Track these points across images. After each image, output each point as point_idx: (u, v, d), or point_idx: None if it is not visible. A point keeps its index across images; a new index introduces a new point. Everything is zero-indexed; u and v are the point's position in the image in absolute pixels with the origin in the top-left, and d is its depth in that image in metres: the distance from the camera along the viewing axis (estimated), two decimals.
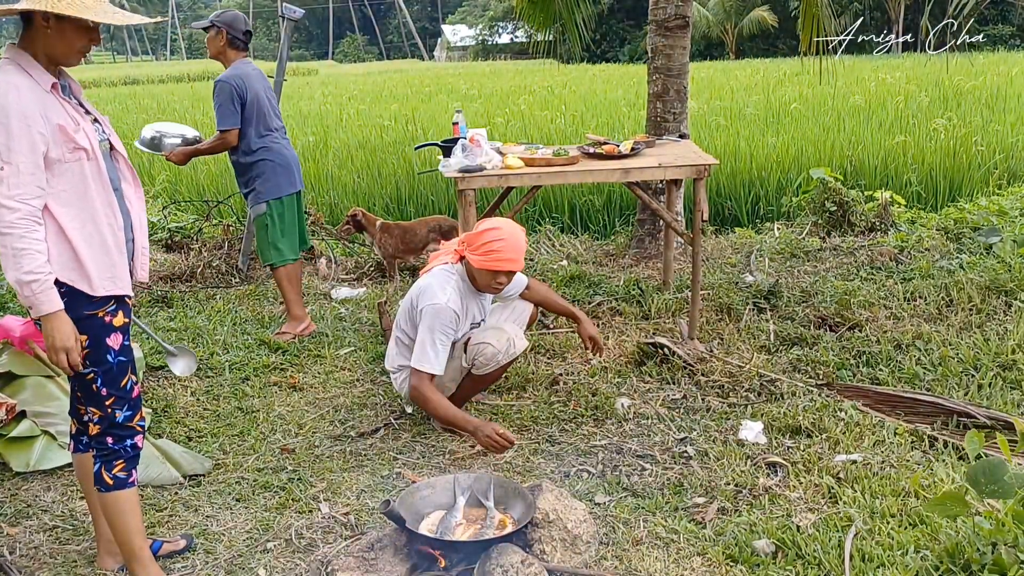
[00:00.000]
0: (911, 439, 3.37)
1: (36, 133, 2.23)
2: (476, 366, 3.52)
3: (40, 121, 2.25)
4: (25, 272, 2.23)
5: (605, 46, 40.41)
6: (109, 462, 2.50)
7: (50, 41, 2.31)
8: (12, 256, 2.23)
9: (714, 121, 11.01)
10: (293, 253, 4.83)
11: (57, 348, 2.31)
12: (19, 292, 2.28)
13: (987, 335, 4.31)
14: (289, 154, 4.81)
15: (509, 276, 3.48)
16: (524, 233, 3.50)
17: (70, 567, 2.80)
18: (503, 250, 3.36)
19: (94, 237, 2.37)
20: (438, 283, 3.48)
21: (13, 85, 2.24)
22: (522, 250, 3.43)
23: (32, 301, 2.27)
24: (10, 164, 2.21)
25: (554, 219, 7.62)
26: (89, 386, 2.45)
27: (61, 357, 2.33)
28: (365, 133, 11.75)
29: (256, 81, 4.65)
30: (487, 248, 3.37)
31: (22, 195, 2.22)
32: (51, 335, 2.31)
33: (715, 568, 2.65)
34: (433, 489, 2.94)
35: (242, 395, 4.13)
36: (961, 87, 13.53)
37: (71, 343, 2.33)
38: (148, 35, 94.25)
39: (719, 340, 4.54)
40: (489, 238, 3.38)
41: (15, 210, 2.21)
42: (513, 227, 3.45)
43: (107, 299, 2.41)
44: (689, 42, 6.01)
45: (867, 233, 6.65)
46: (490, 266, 3.38)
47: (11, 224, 2.21)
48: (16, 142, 2.21)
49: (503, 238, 3.37)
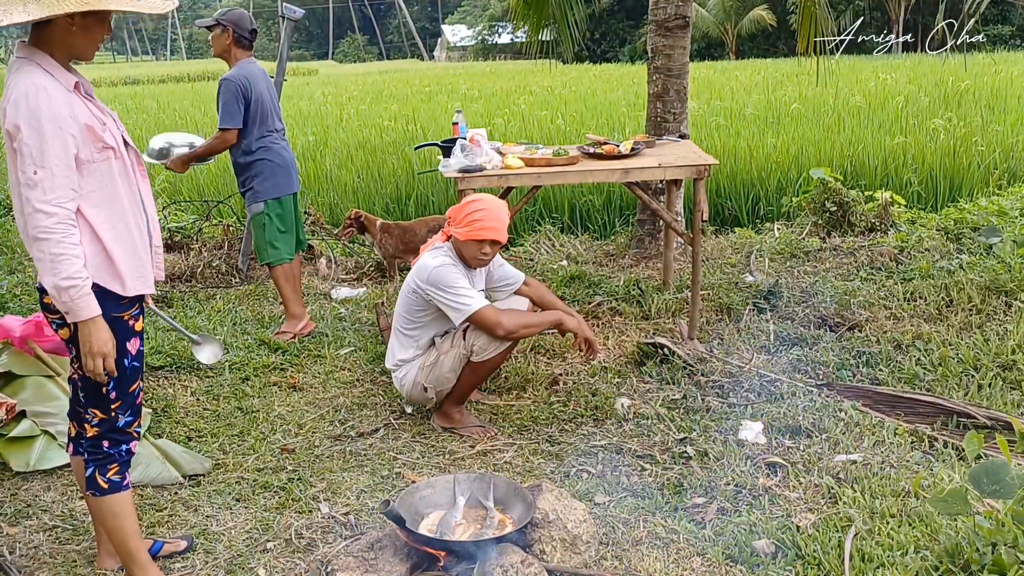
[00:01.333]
0: (911, 439, 3.37)
1: (67, 135, 2.22)
2: (475, 352, 3.53)
3: (70, 122, 2.23)
4: (64, 278, 2.21)
5: (605, 46, 40.40)
6: (104, 466, 2.49)
7: (74, 38, 2.28)
8: (50, 261, 2.21)
9: (714, 121, 11.01)
10: (290, 253, 4.84)
11: (95, 353, 2.30)
12: (56, 297, 2.25)
13: (987, 335, 4.31)
14: (288, 155, 4.83)
15: (494, 247, 3.56)
16: (506, 206, 3.62)
17: (70, 567, 2.80)
18: (485, 219, 3.47)
19: (124, 237, 2.36)
20: (428, 256, 3.59)
21: (41, 87, 2.21)
22: (504, 220, 3.54)
23: (70, 307, 2.25)
24: (44, 168, 2.19)
25: (554, 219, 7.62)
26: (99, 388, 2.43)
27: (98, 363, 2.31)
28: (365, 133, 11.75)
29: (260, 82, 4.66)
30: (470, 219, 3.49)
31: (58, 199, 2.20)
32: (88, 340, 2.29)
33: (715, 568, 2.65)
34: (433, 489, 2.94)
35: (242, 395, 4.13)
36: (959, 87, 13.53)
37: (109, 348, 2.31)
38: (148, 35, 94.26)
39: (719, 340, 4.54)
40: (471, 209, 3.50)
41: (52, 215, 2.19)
42: (494, 199, 3.61)
43: (134, 301, 2.41)
44: (689, 42, 6.01)
45: (867, 233, 6.64)
46: (474, 235, 3.49)
47: (49, 229, 2.19)
48: (49, 145, 2.19)
49: (484, 207, 3.50)
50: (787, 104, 12.61)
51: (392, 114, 14.23)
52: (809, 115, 11.49)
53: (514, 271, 3.89)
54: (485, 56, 52.24)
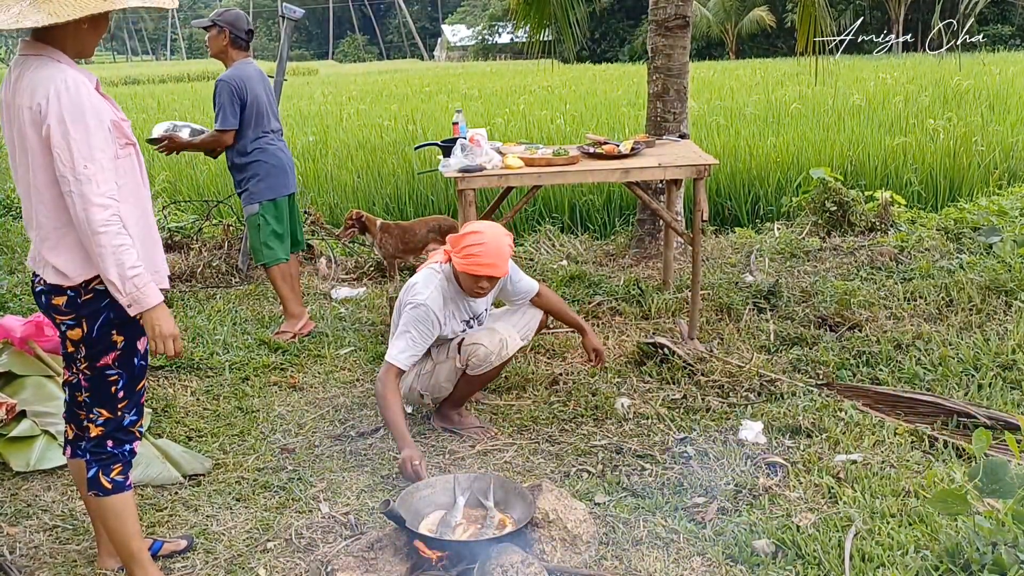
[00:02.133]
0: (911, 439, 3.37)
1: (106, 129, 2.22)
2: (470, 367, 3.52)
3: (107, 115, 2.24)
4: (129, 268, 2.20)
5: (605, 46, 40.40)
6: (107, 466, 2.48)
7: (85, 37, 2.29)
8: (112, 254, 2.18)
9: (714, 121, 11.01)
10: (285, 253, 4.82)
11: (165, 335, 2.31)
12: (120, 288, 2.22)
13: (987, 335, 4.31)
14: (284, 156, 4.81)
15: (491, 281, 3.41)
16: (510, 238, 3.41)
17: (70, 567, 2.80)
18: (483, 255, 3.29)
19: (145, 232, 2.37)
20: (423, 281, 3.46)
21: (81, 82, 2.20)
22: (504, 256, 3.34)
23: (136, 296, 2.23)
24: (94, 162, 2.17)
25: (554, 219, 7.62)
26: (109, 388, 2.42)
27: (169, 344, 2.32)
28: (365, 133, 11.75)
29: (257, 82, 4.65)
30: (467, 252, 3.31)
31: (110, 191, 2.20)
32: (156, 323, 2.29)
33: (715, 568, 2.65)
34: (433, 489, 2.94)
35: (242, 395, 4.13)
36: (959, 87, 13.53)
37: (176, 330, 2.33)
38: (148, 35, 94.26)
39: (719, 340, 4.54)
40: (469, 242, 3.32)
41: (107, 207, 2.18)
42: (496, 232, 3.38)
43: None
44: (689, 42, 6.01)
45: (867, 233, 6.64)
46: (470, 270, 3.31)
47: (107, 222, 2.18)
48: (95, 139, 2.19)
49: (483, 242, 3.30)
50: (787, 104, 12.61)
51: (392, 114, 14.23)
52: (809, 115, 11.49)
53: (528, 284, 3.73)
54: (485, 56, 52.24)
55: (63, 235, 2.27)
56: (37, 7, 2.14)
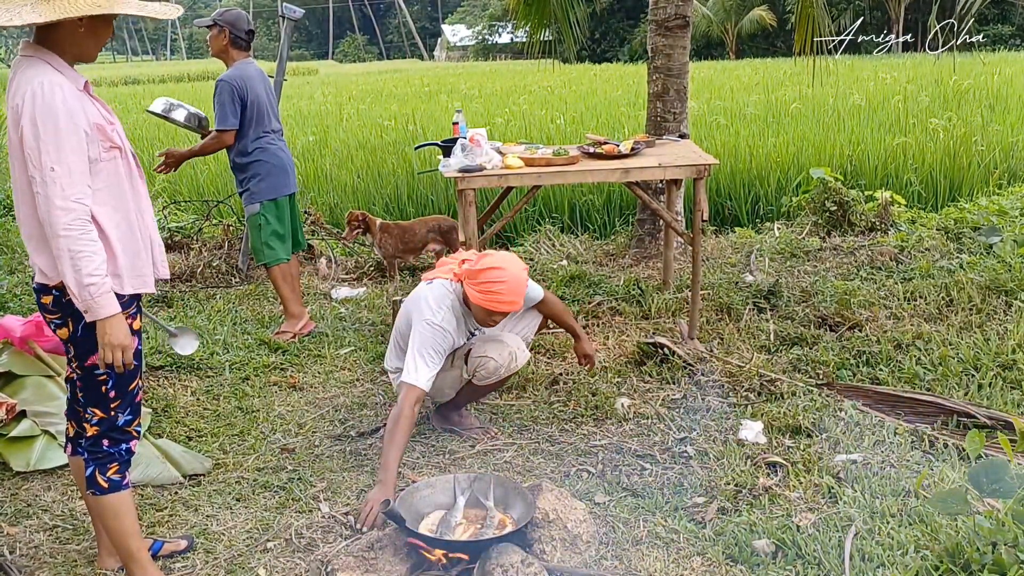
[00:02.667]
0: (911, 439, 3.37)
1: (81, 132, 2.23)
2: (477, 377, 3.49)
3: (83, 119, 2.24)
4: (85, 275, 2.21)
5: (605, 45, 40.38)
6: (104, 465, 2.49)
7: (82, 40, 2.30)
8: (69, 258, 2.20)
9: (714, 121, 11.01)
10: (286, 253, 4.83)
11: (113, 345, 2.30)
12: (76, 294, 2.24)
13: (987, 335, 4.31)
14: (285, 156, 4.82)
15: (505, 316, 3.37)
16: (527, 271, 3.33)
17: (70, 567, 2.80)
18: (503, 292, 3.18)
19: (127, 236, 2.37)
20: (435, 299, 3.33)
21: (57, 85, 2.22)
22: (523, 291, 3.26)
23: (90, 304, 2.24)
24: (61, 164, 2.19)
25: (554, 219, 7.62)
26: (99, 387, 2.44)
27: (117, 355, 2.31)
28: (365, 133, 11.74)
29: (257, 82, 4.65)
30: (487, 288, 3.19)
31: (76, 195, 2.20)
32: (107, 333, 2.28)
33: (715, 568, 2.65)
34: (433, 489, 2.94)
35: (242, 395, 4.13)
36: (959, 86, 13.52)
37: (128, 340, 2.32)
38: (148, 35, 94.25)
39: (719, 340, 4.54)
40: (490, 278, 3.19)
41: (71, 211, 2.19)
42: (517, 268, 3.27)
43: (131, 301, 2.41)
44: (689, 42, 6.00)
45: (867, 233, 6.64)
46: (488, 305, 3.21)
47: (67, 226, 2.19)
48: (66, 142, 2.20)
49: (504, 280, 3.18)
50: (787, 104, 12.60)
51: (392, 114, 14.22)
52: (809, 115, 11.48)
53: (534, 292, 3.60)
54: (485, 56, 52.21)
55: (43, 235, 2.29)
56: (34, 7, 2.18)
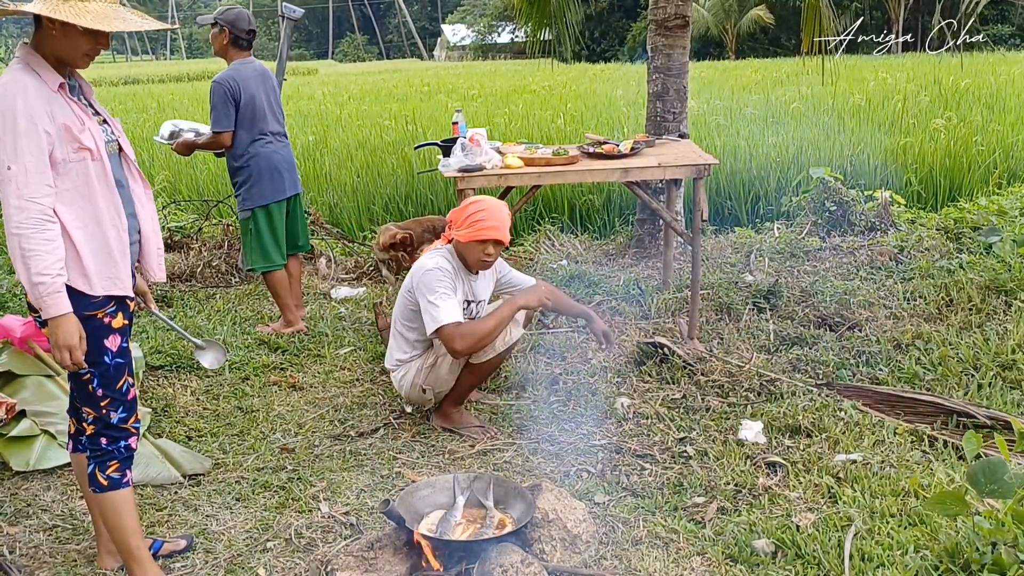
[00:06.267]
0: (911, 439, 3.37)
1: (42, 132, 2.24)
2: (475, 356, 3.53)
3: (46, 119, 2.25)
4: (34, 274, 2.25)
5: (604, 45, 40.35)
6: (103, 463, 2.50)
7: (57, 43, 2.32)
8: (22, 257, 2.24)
9: (714, 121, 11.00)
10: (280, 258, 4.78)
11: (61, 346, 2.32)
12: (29, 292, 2.30)
13: (987, 335, 4.31)
14: (280, 159, 4.71)
15: (497, 247, 3.53)
16: (507, 206, 3.61)
17: (70, 566, 2.80)
18: (486, 219, 3.45)
19: (96, 237, 2.37)
20: (426, 257, 3.58)
21: (21, 84, 2.26)
22: (505, 219, 3.52)
23: (41, 303, 2.29)
24: (18, 163, 2.21)
25: (554, 219, 7.61)
26: (85, 386, 2.45)
27: (64, 355, 2.33)
28: (365, 133, 11.73)
29: (254, 83, 4.58)
30: (471, 220, 3.46)
31: (31, 194, 2.23)
32: (55, 332, 2.32)
33: (715, 568, 2.65)
34: (433, 489, 2.94)
35: (242, 395, 4.13)
36: (959, 86, 13.52)
37: (74, 341, 2.33)
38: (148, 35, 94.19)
39: (719, 340, 4.54)
40: (472, 210, 3.49)
41: (24, 210, 2.22)
42: (494, 200, 3.59)
43: (107, 300, 2.41)
44: (689, 41, 6.00)
45: (867, 233, 6.64)
46: (476, 236, 3.46)
47: (19, 224, 2.23)
48: (23, 141, 2.22)
49: (485, 207, 3.48)
50: (787, 103, 12.59)
51: (392, 114, 14.21)
52: (809, 114, 11.47)
53: (522, 277, 3.90)
54: (485, 56, 52.17)
55: None
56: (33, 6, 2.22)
